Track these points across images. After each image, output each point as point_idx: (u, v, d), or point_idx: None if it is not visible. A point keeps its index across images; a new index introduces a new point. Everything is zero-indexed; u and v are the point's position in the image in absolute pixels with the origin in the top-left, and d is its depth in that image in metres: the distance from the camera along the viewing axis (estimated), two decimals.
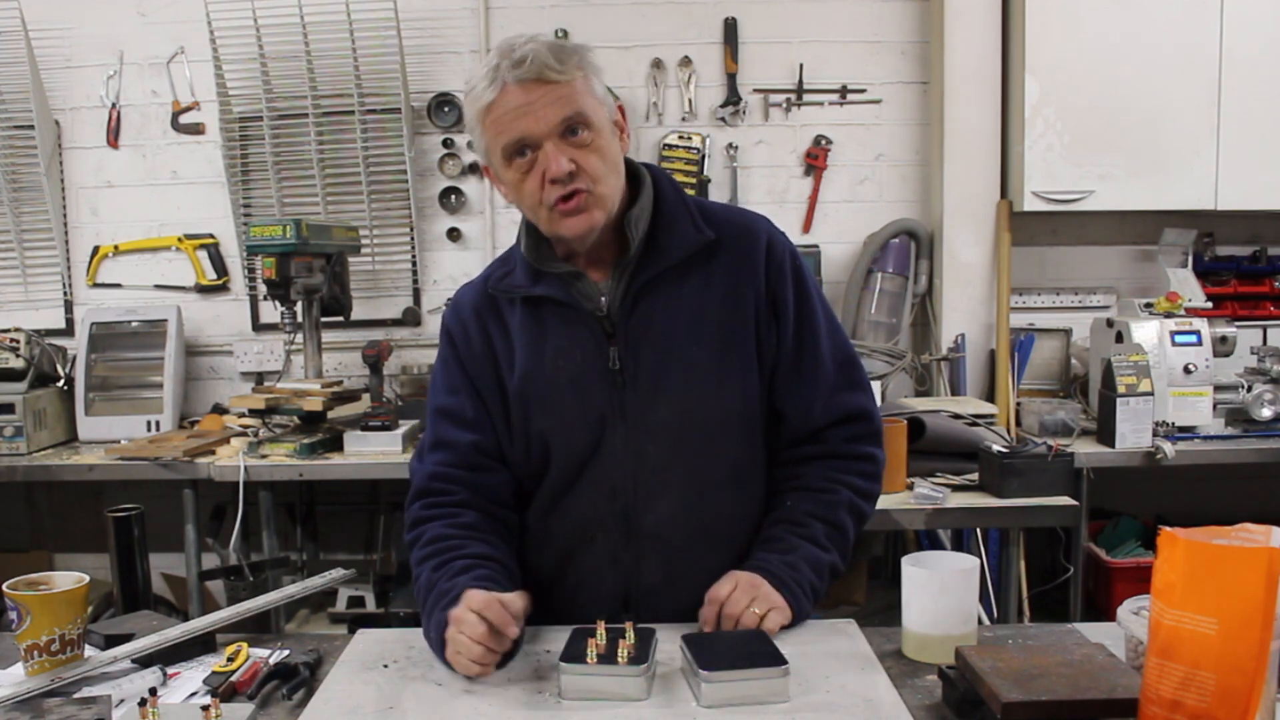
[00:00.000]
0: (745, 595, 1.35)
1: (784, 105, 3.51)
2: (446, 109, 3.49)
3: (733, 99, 3.48)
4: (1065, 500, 2.40)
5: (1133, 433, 2.82)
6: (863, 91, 3.51)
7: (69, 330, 3.57)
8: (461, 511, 1.45)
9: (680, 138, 3.48)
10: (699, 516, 1.44)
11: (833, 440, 1.49)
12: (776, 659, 1.19)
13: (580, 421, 1.43)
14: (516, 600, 1.27)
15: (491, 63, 1.33)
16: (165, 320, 3.39)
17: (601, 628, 1.23)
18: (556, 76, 1.31)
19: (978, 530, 3.06)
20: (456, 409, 1.49)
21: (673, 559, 1.44)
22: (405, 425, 2.98)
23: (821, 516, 1.45)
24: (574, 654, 1.20)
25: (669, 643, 1.29)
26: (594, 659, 1.18)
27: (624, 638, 1.22)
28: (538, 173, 1.34)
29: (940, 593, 1.30)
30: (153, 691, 1.08)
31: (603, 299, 1.43)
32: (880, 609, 3.15)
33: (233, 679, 1.25)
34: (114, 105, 3.53)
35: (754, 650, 1.21)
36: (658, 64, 3.47)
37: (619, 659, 1.19)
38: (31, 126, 3.42)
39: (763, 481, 1.51)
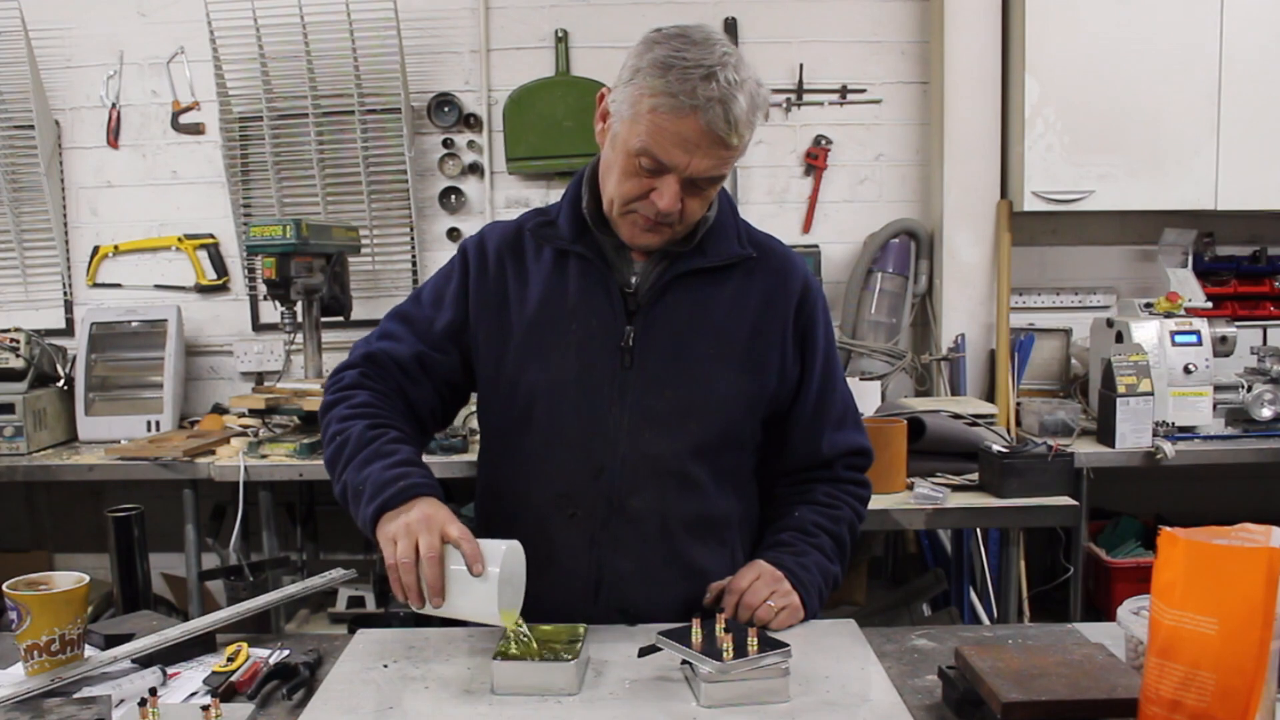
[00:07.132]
0: (766, 587, 1.40)
1: (784, 105, 3.51)
2: (446, 109, 3.49)
3: None
4: (1065, 500, 2.40)
5: (1133, 433, 2.82)
6: (863, 91, 3.51)
7: (69, 330, 3.57)
8: (393, 396, 1.47)
9: None
10: (683, 511, 1.45)
11: (838, 467, 1.57)
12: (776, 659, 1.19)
13: (574, 387, 1.43)
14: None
15: (699, 65, 1.27)
16: (165, 320, 3.39)
17: None
18: (734, 142, 1.32)
19: (978, 530, 3.06)
20: (424, 320, 1.50)
21: (650, 548, 1.44)
22: None
23: (828, 530, 1.52)
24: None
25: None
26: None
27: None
28: (648, 185, 1.35)
29: None
30: (153, 691, 1.08)
31: (633, 278, 1.45)
32: (880, 609, 3.15)
33: (233, 679, 1.25)
34: (114, 105, 3.53)
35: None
36: None
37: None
38: (31, 126, 3.42)
39: (749, 491, 1.57)
